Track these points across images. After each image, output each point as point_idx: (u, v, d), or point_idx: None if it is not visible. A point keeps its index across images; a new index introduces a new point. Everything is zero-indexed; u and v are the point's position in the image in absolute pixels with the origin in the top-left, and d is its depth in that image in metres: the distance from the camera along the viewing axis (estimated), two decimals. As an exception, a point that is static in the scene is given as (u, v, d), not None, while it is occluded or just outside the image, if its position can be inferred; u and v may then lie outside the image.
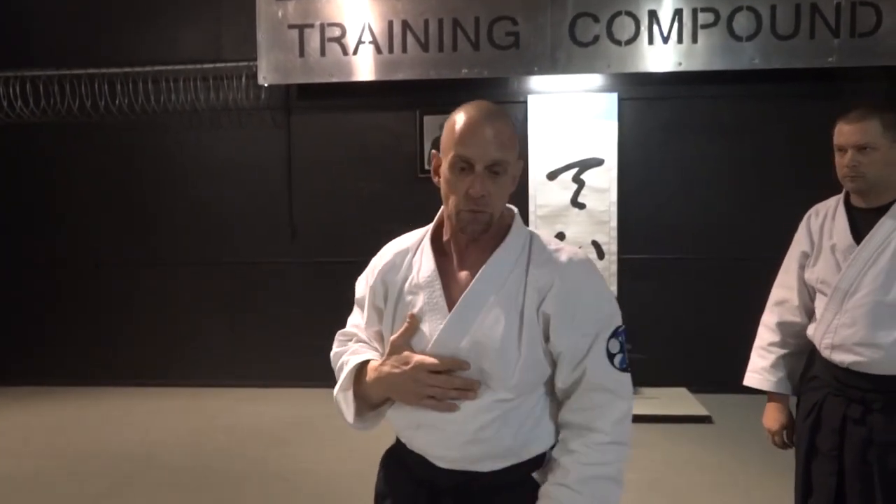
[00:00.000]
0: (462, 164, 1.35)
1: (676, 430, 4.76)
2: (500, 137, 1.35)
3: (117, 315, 6.18)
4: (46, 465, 4.32)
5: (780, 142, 5.41)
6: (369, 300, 1.50)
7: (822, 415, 2.09)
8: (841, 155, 2.07)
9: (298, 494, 3.84)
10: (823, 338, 2.08)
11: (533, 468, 1.41)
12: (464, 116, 1.37)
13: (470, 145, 1.34)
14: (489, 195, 1.34)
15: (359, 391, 1.44)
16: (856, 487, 2.00)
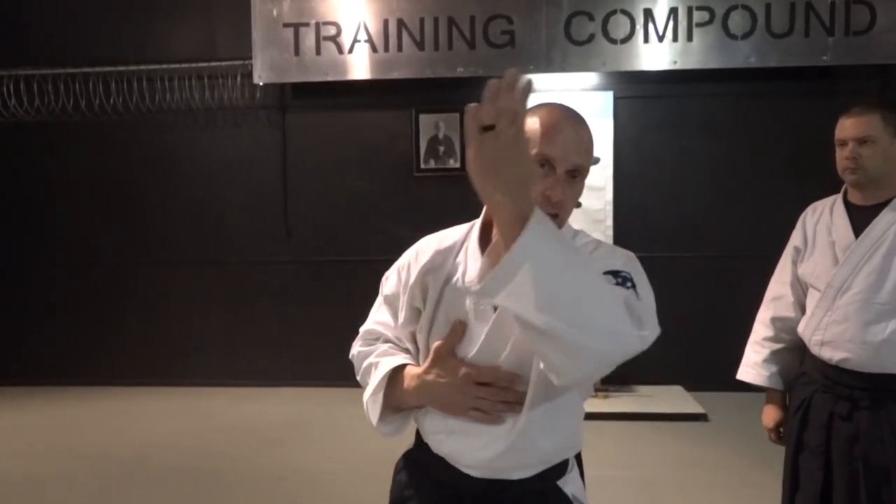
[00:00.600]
0: (543, 163, 1.28)
1: (672, 427, 4.77)
2: (583, 142, 1.31)
3: (112, 315, 6.17)
4: (41, 465, 4.32)
5: (775, 140, 5.42)
6: (406, 300, 1.41)
7: (811, 411, 2.11)
8: (842, 148, 2.09)
9: (295, 494, 3.84)
10: (814, 334, 2.09)
11: (558, 475, 1.38)
12: (549, 115, 1.31)
13: (556, 145, 1.27)
14: (566, 200, 1.29)
15: (390, 395, 1.39)
16: (842, 483, 2.02)
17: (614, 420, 4.86)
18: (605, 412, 4.90)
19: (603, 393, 5.22)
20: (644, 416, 4.91)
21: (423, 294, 1.38)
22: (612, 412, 4.92)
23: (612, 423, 4.84)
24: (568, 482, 1.40)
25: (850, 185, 2.13)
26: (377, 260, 6.79)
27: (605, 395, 5.20)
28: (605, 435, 4.62)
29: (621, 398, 5.22)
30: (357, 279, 5.69)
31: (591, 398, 5.10)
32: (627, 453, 4.33)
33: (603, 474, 3.96)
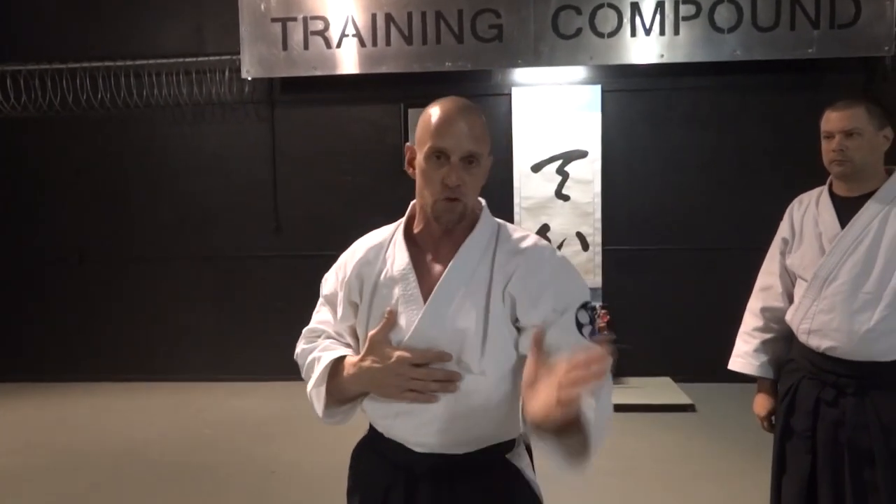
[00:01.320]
0: (438, 155, 1.38)
1: (660, 418, 4.81)
2: (474, 130, 1.39)
3: (100, 311, 6.15)
4: (32, 461, 4.32)
5: (761, 132, 5.47)
6: (344, 295, 1.51)
7: (797, 397, 2.14)
8: (828, 141, 2.12)
9: (285, 487, 3.86)
10: (801, 323, 2.12)
11: (507, 450, 1.45)
12: (439, 110, 1.41)
13: (446, 137, 1.37)
14: (464, 185, 1.38)
15: (332, 387, 1.46)
16: (827, 467, 2.06)
17: (603, 411, 4.90)
18: (594, 404, 4.93)
19: (592, 385, 5.25)
20: (633, 408, 4.94)
21: (360, 287, 1.48)
22: (601, 404, 4.95)
23: (601, 414, 4.87)
24: (516, 455, 1.46)
25: (836, 176, 2.16)
26: (367, 254, 6.68)
27: (594, 387, 5.23)
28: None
29: (610, 390, 5.25)
30: (347, 273, 5.71)
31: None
32: (616, 444, 4.32)
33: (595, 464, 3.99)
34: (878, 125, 2.07)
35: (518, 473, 1.46)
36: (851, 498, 2.01)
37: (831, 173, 2.17)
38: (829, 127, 2.12)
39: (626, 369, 5.59)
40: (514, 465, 1.45)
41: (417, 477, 1.42)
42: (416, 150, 1.44)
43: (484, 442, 1.42)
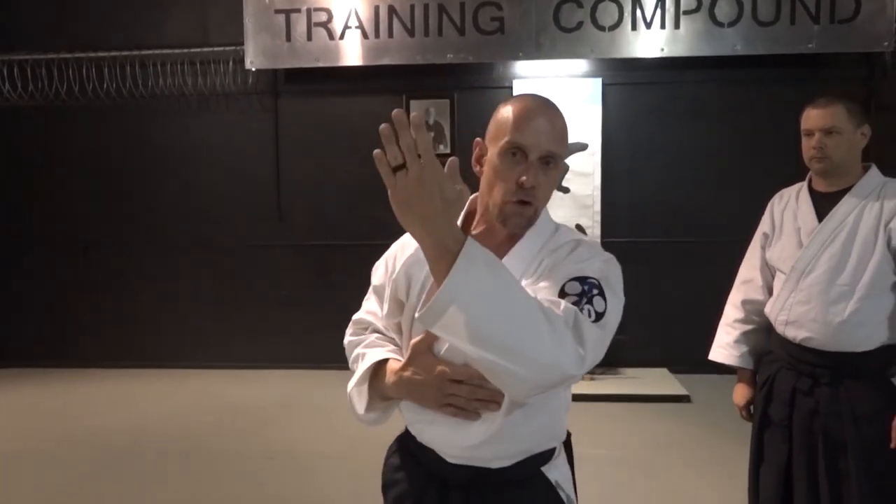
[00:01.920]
0: (514, 152, 1.30)
1: (656, 408, 4.87)
2: (556, 130, 1.31)
3: (105, 298, 6.25)
4: (36, 445, 4.41)
5: (761, 126, 5.48)
6: (390, 292, 1.43)
7: (775, 387, 2.20)
8: (808, 138, 2.17)
9: (284, 471, 3.94)
10: (779, 314, 2.18)
11: (543, 462, 1.41)
12: (521, 105, 1.32)
13: (527, 133, 1.29)
14: (539, 188, 1.30)
15: (374, 386, 1.42)
16: (802, 455, 2.12)
17: (600, 401, 4.96)
18: (591, 394, 4.99)
19: (589, 376, 5.31)
20: (629, 398, 5.01)
21: (406, 286, 1.40)
22: (598, 394, 5.01)
23: (597, 403, 4.93)
24: (552, 468, 1.42)
25: (815, 173, 2.22)
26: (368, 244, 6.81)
27: (590, 378, 5.29)
28: (591, 415, 4.71)
29: (607, 380, 5.32)
30: (348, 263, 5.77)
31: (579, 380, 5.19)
32: (612, 433, 4.43)
33: (587, 453, 4.03)
34: (856, 123, 2.13)
35: (551, 487, 1.41)
36: (825, 485, 2.07)
37: (811, 169, 2.23)
38: (808, 125, 2.17)
39: (624, 360, 5.66)
40: (548, 479, 1.40)
41: (449, 487, 1.38)
42: (489, 145, 1.35)
43: (520, 455, 1.37)
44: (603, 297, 1.22)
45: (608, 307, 1.22)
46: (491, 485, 1.36)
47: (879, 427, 2.03)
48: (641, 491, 3.63)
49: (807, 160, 2.21)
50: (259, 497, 3.62)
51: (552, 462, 1.41)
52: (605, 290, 1.24)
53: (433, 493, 1.39)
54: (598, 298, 1.22)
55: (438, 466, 1.38)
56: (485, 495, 1.36)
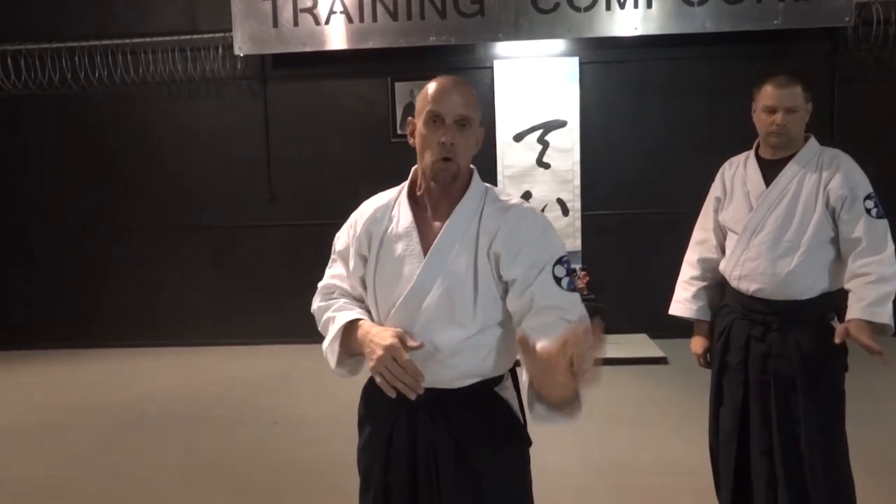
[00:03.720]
0: (434, 118, 1.58)
1: (636, 370, 5.16)
2: (465, 98, 1.60)
3: (106, 280, 6.45)
4: (49, 418, 4.63)
5: (731, 100, 5.65)
6: (354, 250, 1.69)
7: (731, 335, 2.45)
8: (769, 114, 2.34)
9: (286, 436, 4.19)
10: (733, 270, 2.43)
11: (495, 384, 1.66)
12: (435, 83, 1.62)
13: (441, 103, 1.57)
14: (457, 145, 1.57)
15: (345, 344, 1.64)
16: (756, 393, 2.38)
17: (582, 365, 5.23)
18: (573, 358, 5.26)
19: (572, 341, 5.57)
20: (610, 361, 5.27)
21: (368, 242, 1.67)
22: (579, 358, 5.28)
23: (579, 368, 5.20)
24: (503, 389, 1.67)
25: (771, 146, 2.41)
26: (358, 221, 6.89)
27: (574, 344, 5.55)
28: (573, 378, 4.99)
29: (589, 346, 5.58)
30: (339, 241, 5.98)
31: (561, 346, 5.45)
32: (595, 393, 4.66)
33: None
34: (807, 99, 2.34)
35: (504, 402, 1.66)
36: (776, 419, 2.33)
37: (767, 143, 2.42)
38: (771, 102, 2.33)
39: (606, 327, 5.90)
40: (501, 396, 1.66)
41: (416, 408, 1.61)
42: (416, 121, 1.63)
43: (475, 378, 1.61)
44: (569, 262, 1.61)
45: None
46: (452, 403, 1.62)
47: (821, 362, 2.30)
48: (621, 443, 3.91)
49: (764, 134, 2.40)
50: (266, 458, 3.86)
51: (503, 383, 1.68)
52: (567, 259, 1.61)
53: (403, 417, 1.64)
54: (570, 265, 1.60)
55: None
56: (446, 412, 1.62)
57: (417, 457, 1.63)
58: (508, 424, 1.66)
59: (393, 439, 1.66)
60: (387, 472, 1.66)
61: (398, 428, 1.65)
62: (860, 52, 5.61)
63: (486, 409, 1.64)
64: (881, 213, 2.29)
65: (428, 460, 1.62)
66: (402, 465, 1.64)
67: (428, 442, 1.62)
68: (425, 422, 1.62)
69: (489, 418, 1.64)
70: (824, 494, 2.29)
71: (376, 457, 1.68)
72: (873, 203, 2.28)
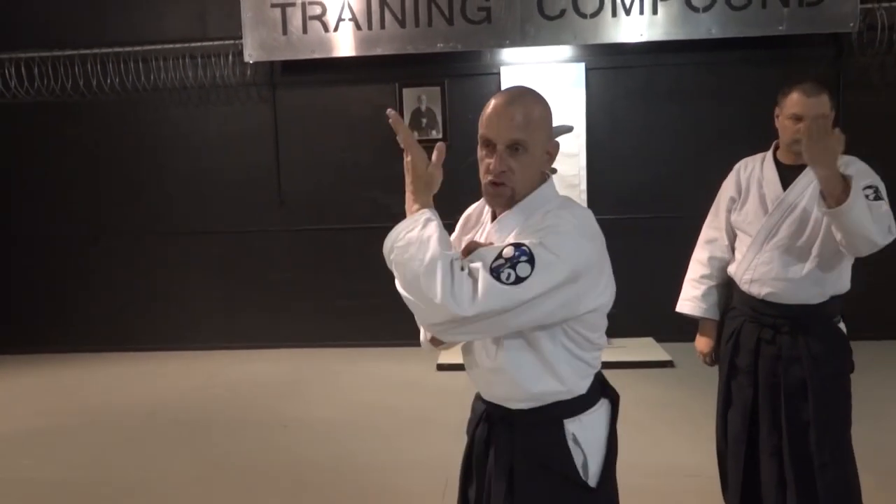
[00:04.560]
0: (486, 143, 1.53)
1: (642, 374, 5.20)
2: (522, 118, 1.49)
3: (117, 284, 6.50)
4: (61, 421, 4.69)
5: (736, 105, 5.77)
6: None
7: (740, 338, 2.49)
8: (795, 121, 2.35)
9: (296, 439, 4.24)
10: (744, 273, 2.47)
11: (564, 414, 1.59)
12: (492, 101, 1.54)
13: (492, 127, 1.51)
14: (509, 171, 1.50)
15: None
16: (766, 396, 2.42)
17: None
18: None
19: (579, 345, 5.61)
20: (616, 365, 5.31)
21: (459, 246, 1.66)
22: (587, 362, 5.32)
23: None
24: (575, 422, 1.59)
25: (796, 153, 2.36)
26: (365, 227, 7.13)
27: (581, 347, 5.60)
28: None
29: (596, 349, 5.63)
30: (347, 245, 6.04)
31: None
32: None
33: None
34: (832, 108, 2.36)
35: (562, 437, 1.57)
36: (786, 421, 2.37)
37: (791, 149, 2.40)
38: (799, 111, 2.33)
39: (612, 331, 5.94)
40: (564, 429, 1.58)
41: (494, 420, 1.65)
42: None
43: (531, 402, 1.57)
44: (531, 264, 1.40)
45: (534, 273, 1.39)
46: (516, 421, 1.60)
47: (831, 364, 2.35)
48: (626, 445, 3.91)
49: (788, 141, 2.39)
50: (277, 460, 3.91)
51: (576, 417, 1.60)
52: (535, 258, 1.40)
53: (484, 423, 1.68)
54: (523, 265, 1.39)
55: (485, 403, 1.69)
56: (510, 430, 1.61)
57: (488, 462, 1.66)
58: (562, 460, 1.58)
59: (474, 444, 1.71)
60: (467, 469, 1.74)
61: (479, 432, 1.70)
62: (865, 58, 5.64)
63: (542, 437, 1.59)
64: (880, 197, 2.24)
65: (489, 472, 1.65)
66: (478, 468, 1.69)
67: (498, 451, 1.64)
68: (498, 435, 1.64)
69: (542, 448, 1.59)
70: (833, 496, 2.33)
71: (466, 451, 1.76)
72: (872, 191, 2.23)
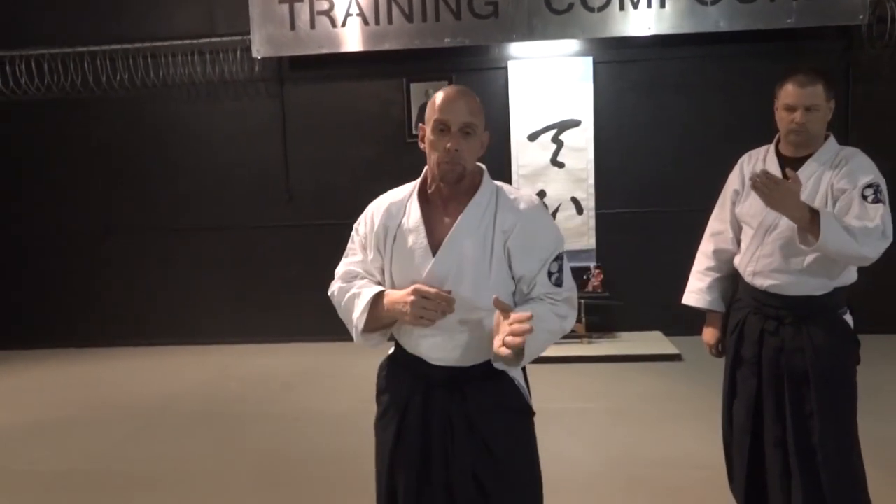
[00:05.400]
0: (441, 126, 1.74)
1: (650, 367, 5.21)
2: (470, 107, 1.76)
3: (127, 280, 6.56)
4: (75, 414, 4.74)
5: (744, 99, 5.75)
6: (374, 242, 1.86)
7: (745, 330, 2.50)
8: (789, 112, 2.36)
9: (308, 432, 4.27)
10: (748, 265, 2.47)
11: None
12: (442, 93, 1.78)
13: (447, 112, 1.74)
14: (462, 150, 1.74)
15: (372, 315, 1.80)
16: (770, 386, 2.42)
17: (597, 362, 5.29)
18: (588, 355, 5.33)
19: (587, 339, 5.64)
20: (624, 358, 5.34)
21: (384, 235, 1.84)
22: (595, 355, 5.35)
23: (595, 364, 5.27)
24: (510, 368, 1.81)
25: (791, 143, 2.43)
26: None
27: (588, 341, 5.62)
28: (588, 374, 5.06)
29: (603, 343, 5.66)
30: (355, 240, 6.06)
31: (576, 343, 5.52)
32: (607, 389, 4.76)
33: (586, 407, 4.42)
34: (829, 98, 2.35)
35: (511, 379, 1.86)
36: (790, 412, 2.38)
37: (787, 140, 2.43)
38: (791, 101, 2.34)
39: (620, 324, 5.98)
40: (508, 374, 1.84)
41: (433, 385, 1.83)
42: (426, 127, 1.80)
43: (487, 356, 1.75)
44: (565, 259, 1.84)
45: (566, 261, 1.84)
46: (465, 379, 1.82)
47: (834, 356, 2.34)
48: (634, 437, 3.96)
49: (784, 131, 2.41)
50: (289, 453, 3.94)
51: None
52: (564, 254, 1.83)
53: (419, 391, 1.84)
54: (564, 265, 1.83)
55: (425, 370, 1.84)
56: (461, 388, 1.82)
57: (432, 428, 1.82)
58: (515, 398, 1.87)
59: (407, 412, 1.85)
60: (397, 442, 1.85)
61: (413, 401, 1.84)
62: (874, 50, 5.62)
63: (495, 385, 1.84)
64: (879, 199, 2.24)
65: (443, 430, 1.81)
66: (413, 437, 1.83)
67: (444, 413, 1.81)
68: (442, 396, 1.82)
69: (498, 393, 1.84)
70: (838, 487, 2.33)
71: (390, 427, 1.87)
72: (872, 191, 2.23)
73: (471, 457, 1.79)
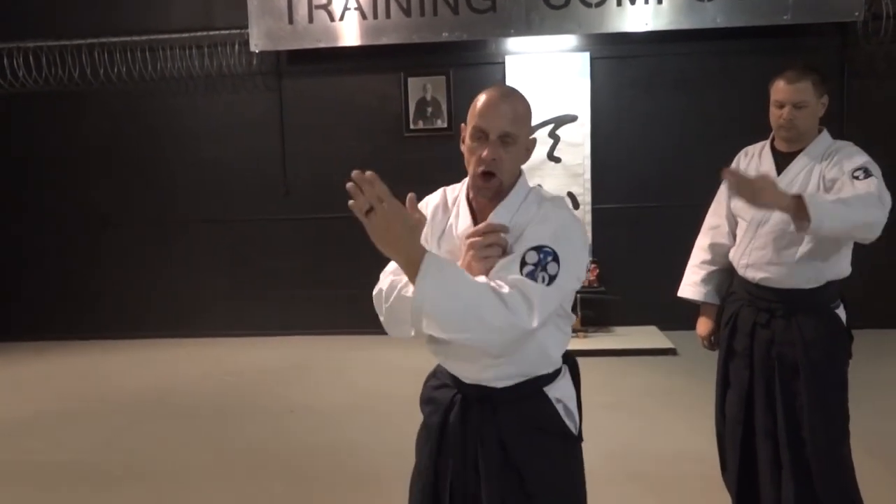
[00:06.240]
0: (479, 134, 1.59)
1: (645, 361, 5.24)
2: (514, 113, 1.59)
3: (125, 273, 6.57)
4: (72, 406, 4.76)
5: (740, 95, 5.77)
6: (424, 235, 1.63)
7: (738, 322, 2.53)
8: (779, 108, 2.42)
9: (303, 424, 4.29)
10: (741, 258, 2.50)
11: (544, 383, 1.68)
12: (484, 96, 1.61)
13: (486, 118, 1.58)
14: (500, 160, 1.57)
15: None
16: (761, 378, 2.45)
17: (593, 356, 5.30)
18: (584, 349, 5.34)
19: (582, 333, 5.66)
20: (619, 352, 5.37)
21: (429, 234, 1.72)
22: (590, 349, 5.36)
23: (590, 358, 5.27)
24: (553, 388, 1.69)
25: (782, 139, 2.48)
26: (371, 214, 6.96)
27: (584, 336, 5.65)
28: (583, 369, 5.01)
29: (599, 337, 5.68)
30: (352, 235, 6.05)
31: (572, 338, 5.53)
32: (603, 383, 4.78)
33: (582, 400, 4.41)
34: (819, 94, 2.39)
35: (549, 402, 1.68)
36: (780, 404, 2.40)
37: (778, 136, 2.49)
38: (779, 97, 2.40)
39: (616, 319, 6.01)
40: (547, 396, 1.68)
41: (470, 400, 1.69)
42: (466, 129, 1.64)
43: (518, 378, 1.64)
44: (556, 261, 1.51)
45: (560, 269, 1.51)
46: (497, 398, 1.66)
47: (824, 349, 2.37)
48: (630, 431, 3.99)
49: (775, 127, 2.47)
50: (283, 446, 3.96)
51: (554, 383, 1.70)
52: (558, 254, 1.52)
53: (459, 405, 1.71)
54: (551, 264, 1.51)
55: (460, 386, 1.71)
56: (495, 407, 1.66)
57: (467, 446, 1.68)
58: (555, 421, 1.69)
59: (447, 426, 1.71)
60: (438, 454, 1.73)
61: (454, 416, 1.70)
62: (870, 47, 5.64)
63: (530, 407, 1.67)
64: (870, 175, 2.24)
65: (475, 450, 1.67)
66: (451, 452, 1.70)
67: (477, 433, 1.67)
68: (477, 413, 1.68)
69: (534, 415, 1.67)
70: (828, 479, 2.36)
71: (430, 439, 1.75)
72: (862, 171, 2.25)
73: (500, 481, 1.65)
